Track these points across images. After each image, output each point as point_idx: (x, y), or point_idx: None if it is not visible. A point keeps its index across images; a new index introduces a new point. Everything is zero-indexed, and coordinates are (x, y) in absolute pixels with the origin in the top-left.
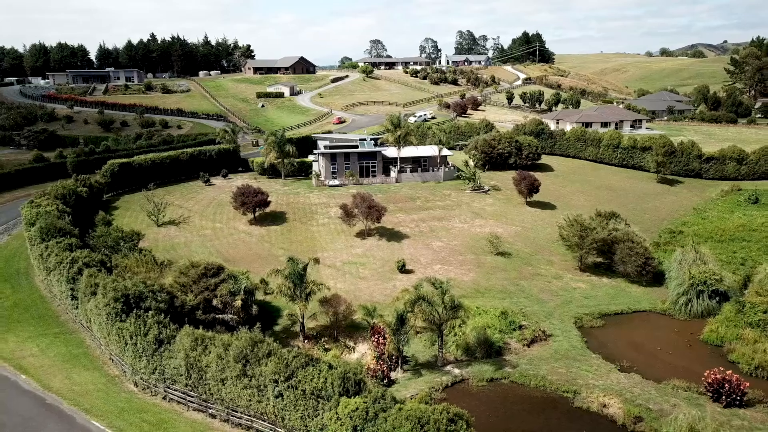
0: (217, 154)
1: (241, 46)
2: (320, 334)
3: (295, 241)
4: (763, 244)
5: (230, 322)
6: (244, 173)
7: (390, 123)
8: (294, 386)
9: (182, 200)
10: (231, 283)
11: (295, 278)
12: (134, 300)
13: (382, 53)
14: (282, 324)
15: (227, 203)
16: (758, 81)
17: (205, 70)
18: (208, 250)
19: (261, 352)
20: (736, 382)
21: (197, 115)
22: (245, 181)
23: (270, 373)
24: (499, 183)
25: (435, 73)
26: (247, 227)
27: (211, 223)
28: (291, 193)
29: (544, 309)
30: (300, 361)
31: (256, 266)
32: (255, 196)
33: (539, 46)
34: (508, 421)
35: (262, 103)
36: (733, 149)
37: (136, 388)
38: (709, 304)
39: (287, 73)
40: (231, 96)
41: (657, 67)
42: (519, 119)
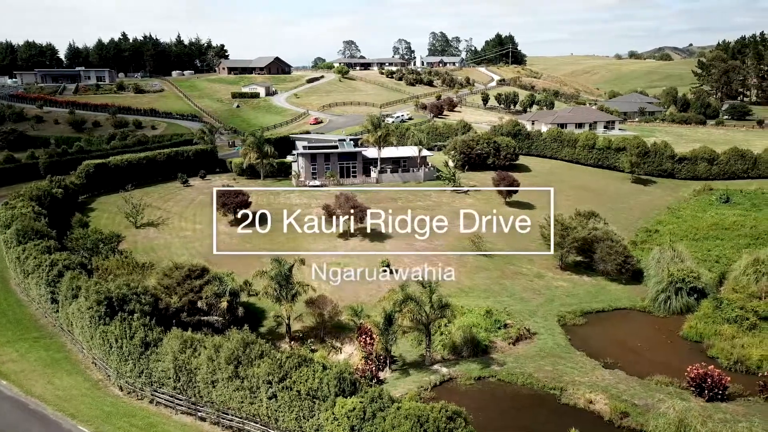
0: (194, 155)
1: (215, 45)
2: (306, 335)
3: (277, 242)
4: (735, 242)
5: (216, 324)
6: (222, 174)
7: (370, 123)
8: (288, 387)
9: (160, 201)
10: (216, 285)
11: (281, 279)
12: (118, 303)
13: (356, 54)
14: (267, 325)
15: (207, 204)
16: (724, 83)
17: (178, 69)
18: (189, 251)
19: (253, 353)
20: (718, 376)
21: (171, 115)
22: (224, 182)
23: (263, 374)
24: (479, 183)
25: (410, 74)
26: (228, 228)
27: (191, 225)
28: (271, 193)
29: (528, 307)
30: (294, 361)
31: (239, 268)
32: (235, 196)
33: (512, 48)
34: (497, 418)
35: (238, 103)
36: (704, 150)
37: (121, 392)
38: (688, 301)
39: (262, 73)
40: (205, 96)
41: (626, 69)
42: (495, 120)
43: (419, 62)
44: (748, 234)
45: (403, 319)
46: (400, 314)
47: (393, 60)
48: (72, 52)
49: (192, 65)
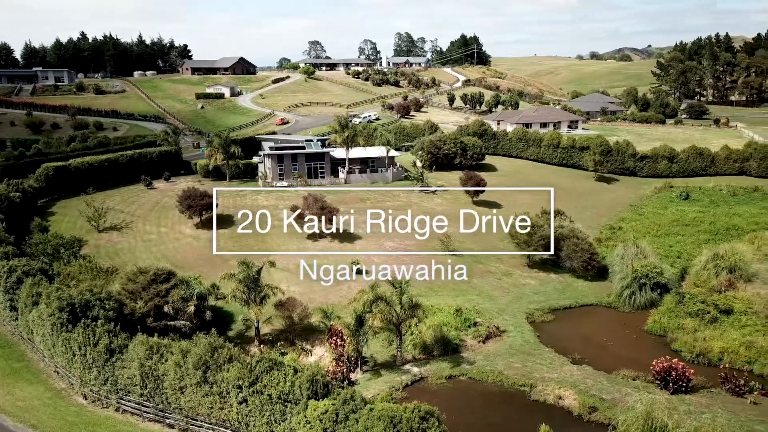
0: (158, 157)
1: (178, 45)
2: (276, 338)
3: (245, 245)
4: (696, 237)
5: (183, 328)
6: (187, 176)
7: (337, 124)
8: (259, 391)
9: (123, 204)
10: (183, 289)
11: (249, 282)
12: (81, 309)
13: (322, 54)
14: (236, 329)
15: (172, 207)
16: (682, 83)
17: (140, 70)
18: (154, 255)
19: (222, 357)
20: (682, 369)
21: (134, 116)
22: (189, 184)
23: (233, 378)
24: (446, 183)
25: (377, 74)
26: (193, 231)
27: (155, 228)
28: (237, 195)
29: (497, 305)
30: (264, 365)
31: (206, 271)
32: (201, 198)
33: (477, 48)
34: (469, 416)
35: (202, 104)
36: (665, 148)
37: (85, 400)
38: (652, 296)
39: (227, 73)
40: (169, 97)
41: (588, 70)
42: (461, 120)
43: (385, 63)
44: (708, 230)
45: (373, 319)
46: (371, 315)
47: (359, 60)
48: (28, 52)
49: (154, 65)
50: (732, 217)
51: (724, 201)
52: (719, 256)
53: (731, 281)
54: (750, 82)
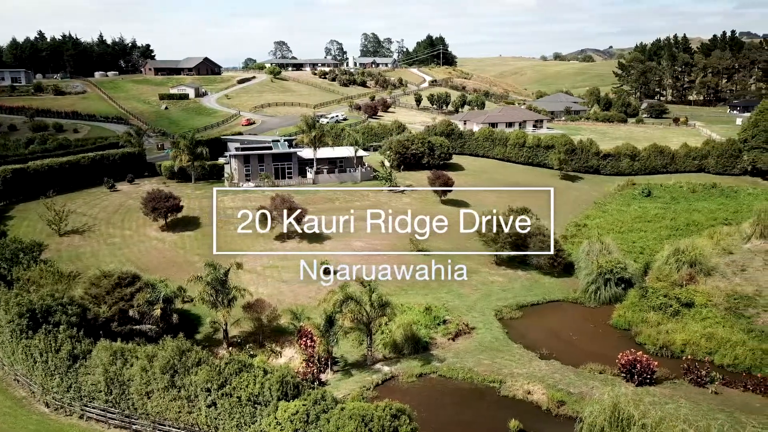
0: (121, 158)
1: (140, 45)
2: (245, 340)
3: (211, 247)
4: (657, 233)
5: (149, 332)
6: (152, 178)
7: (305, 124)
8: (228, 394)
9: (86, 207)
10: (148, 292)
11: (216, 284)
12: (42, 315)
13: (287, 55)
14: (204, 332)
15: (136, 209)
16: (643, 83)
17: (101, 70)
18: (119, 258)
19: (190, 361)
20: (646, 362)
21: (95, 117)
22: (154, 186)
23: (201, 382)
24: (415, 182)
25: (344, 74)
26: (159, 234)
27: (119, 231)
28: (203, 197)
29: (466, 303)
30: (233, 367)
31: (172, 273)
32: (166, 200)
33: (443, 49)
34: (439, 414)
35: (166, 105)
36: (627, 147)
37: (47, 408)
38: (616, 291)
39: (191, 74)
40: (131, 98)
41: (552, 70)
42: (428, 120)
43: (352, 63)
44: (669, 225)
45: (344, 319)
46: (341, 315)
47: (325, 61)
48: None
49: (116, 66)
50: (692, 213)
51: (684, 197)
52: (680, 251)
53: (692, 275)
54: (707, 82)
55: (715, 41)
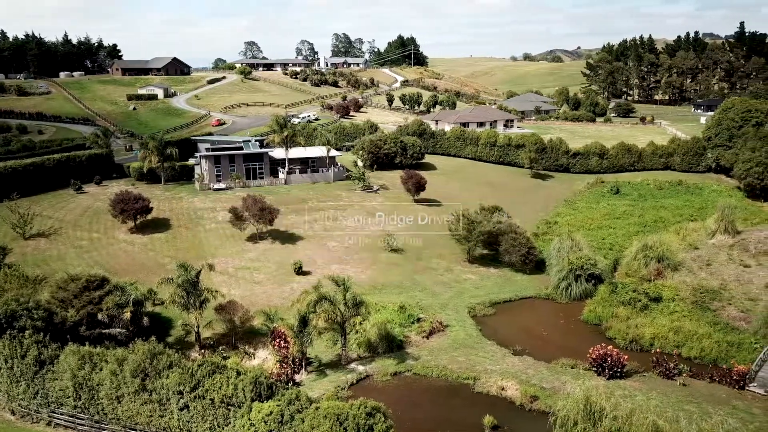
0: (88, 160)
1: (107, 45)
2: (217, 342)
3: (182, 249)
4: (626, 230)
5: (119, 336)
6: (120, 179)
7: (276, 124)
8: (201, 396)
9: (51, 210)
10: (117, 295)
11: (188, 286)
12: (6, 319)
13: (258, 55)
14: (175, 335)
15: (104, 211)
16: (610, 83)
17: (66, 71)
18: (86, 262)
19: (161, 364)
20: (617, 356)
21: (61, 119)
22: (122, 188)
23: (173, 384)
24: (387, 182)
25: (315, 74)
26: (128, 236)
27: (87, 234)
28: (174, 198)
29: (439, 301)
30: (206, 369)
31: (142, 276)
32: (135, 202)
33: (414, 49)
34: (414, 411)
35: (134, 105)
36: (596, 145)
37: (13, 416)
38: (587, 287)
39: (160, 74)
40: (98, 98)
41: (522, 70)
42: (400, 120)
43: (323, 63)
44: (637, 222)
45: (317, 319)
46: (315, 315)
47: (296, 61)
48: None
49: (82, 66)
50: (659, 209)
51: (652, 195)
52: (648, 247)
53: (659, 270)
54: (672, 82)
55: (680, 42)
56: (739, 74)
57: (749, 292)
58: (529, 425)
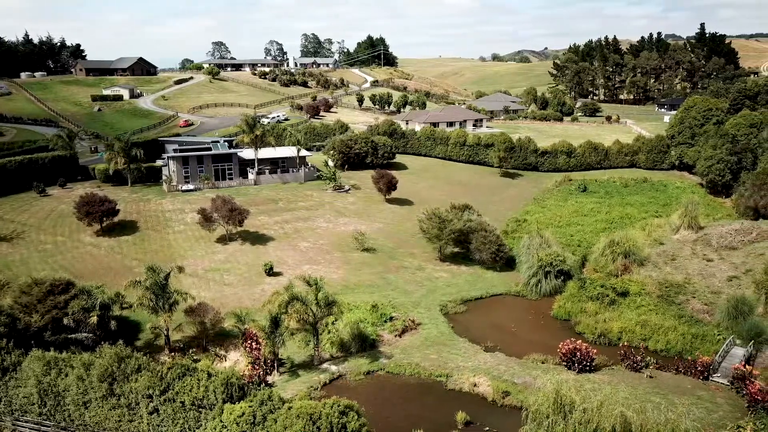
0: (51, 162)
1: (70, 45)
2: (188, 345)
3: (150, 251)
4: (594, 227)
5: (85, 341)
6: (85, 182)
7: (245, 124)
8: (171, 399)
9: (13, 214)
10: (84, 299)
11: (156, 289)
12: None
13: (226, 55)
14: (144, 338)
15: (69, 214)
16: (577, 83)
17: (28, 71)
18: (51, 266)
19: (130, 367)
20: (586, 350)
21: (22, 120)
22: (88, 190)
23: (142, 388)
24: (359, 182)
25: (284, 75)
26: (94, 239)
27: (51, 237)
28: (141, 200)
29: (411, 299)
30: (176, 372)
31: (109, 280)
32: (101, 204)
33: (383, 50)
34: (388, 409)
35: (99, 106)
36: (563, 144)
37: None
38: (556, 283)
39: (125, 74)
40: (61, 99)
41: (490, 71)
42: (371, 120)
43: (292, 63)
44: (604, 219)
45: (289, 320)
46: (287, 315)
47: (265, 61)
48: None
49: (44, 66)
50: (625, 206)
51: (618, 192)
52: (615, 243)
53: (626, 266)
54: (636, 81)
55: (643, 43)
56: (700, 74)
57: (712, 285)
58: (502, 420)
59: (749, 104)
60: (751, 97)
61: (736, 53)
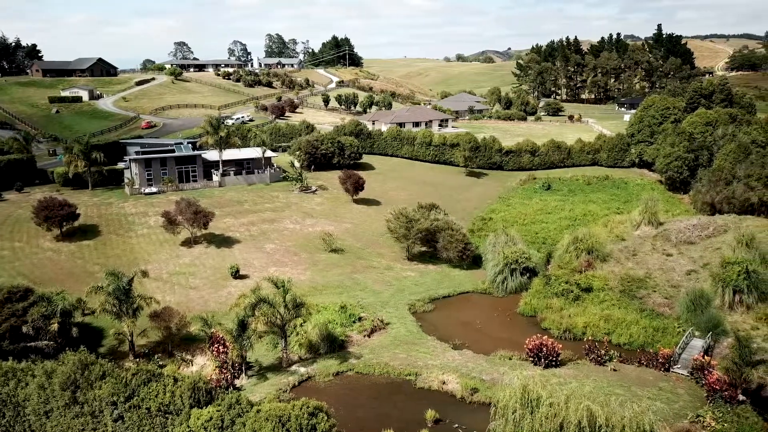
0: (7, 166)
1: (25, 45)
2: (153, 350)
3: (113, 256)
4: (558, 224)
5: (46, 349)
6: (44, 185)
7: (209, 125)
8: (137, 405)
9: None
10: (43, 306)
11: (120, 294)
12: None
13: (189, 56)
14: (108, 344)
15: (26, 219)
16: (540, 83)
17: None
18: (8, 272)
19: (94, 374)
20: (552, 345)
21: None
22: (46, 194)
23: (107, 395)
24: (326, 183)
25: (249, 75)
26: (53, 244)
27: (8, 243)
28: (102, 204)
29: (380, 299)
30: (141, 377)
31: (70, 286)
32: (61, 209)
33: (348, 50)
34: (357, 410)
35: (57, 108)
36: (527, 143)
37: None
38: (522, 280)
39: (84, 75)
40: (17, 101)
41: (455, 71)
42: (337, 121)
43: (257, 64)
44: (568, 216)
45: (257, 323)
46: (254, 318)
47: (229, 62)
48: None
49: None
50: (588, 203)
51: (581, 189)
52: (578, 240)
53: (590, 262)
54: (597, 81)
55: (603, 43)
56: (658, 74)
57: (672, 279)
58: (471, 417)
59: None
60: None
61: (692, 53)
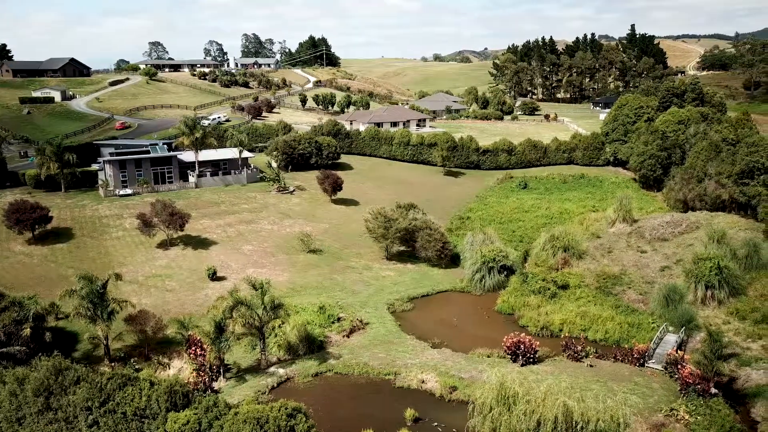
0: None
1: None
2: (129, 354)
3: (87, 259)
4: (534, 222)
5: (18, 354)
6: (15, 188)
7: (185, 126)
8: (112, 410)
9: None
10: (15, 311)
11: (93, 297)
12: None
13: (164, 56)
14: (82, 349)
15: None
16: (516, 83)
17: None
18: None
19: (68, 380)
20: (529, 342)
21: None
22: (17, 197)
23: (81, 401)
24: (304, 183)
25: (225, 75)
26: (25, 248)
27: None
28: (76, 206)
29: (359, 299)
30: (116, 382)
31: (43, 290)
32: (32, 212)
33: (326, 50)
34: (336, 410)
35: (28, 109)
36: (504, 142)
37: None
38: (499, 279)
39: (56, 75)
40: None
41: (432, 71)
42: (314, 121)
43: (233, 64)
44: (544, 215)
45: (234, 325)
46: (232, 320)
47: (205, 62)
48: None
49: None
50: (564, 202)
51: (557, 188)
52: (555, 238)
53: (566, 259)
54: (572, 80)
55: (578, 43)
56: (631, 73)
57: (646, 275)
58: (450, 415)
59: (677, 102)
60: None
61: (665, 53)
